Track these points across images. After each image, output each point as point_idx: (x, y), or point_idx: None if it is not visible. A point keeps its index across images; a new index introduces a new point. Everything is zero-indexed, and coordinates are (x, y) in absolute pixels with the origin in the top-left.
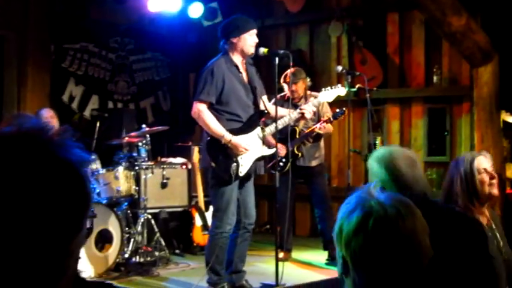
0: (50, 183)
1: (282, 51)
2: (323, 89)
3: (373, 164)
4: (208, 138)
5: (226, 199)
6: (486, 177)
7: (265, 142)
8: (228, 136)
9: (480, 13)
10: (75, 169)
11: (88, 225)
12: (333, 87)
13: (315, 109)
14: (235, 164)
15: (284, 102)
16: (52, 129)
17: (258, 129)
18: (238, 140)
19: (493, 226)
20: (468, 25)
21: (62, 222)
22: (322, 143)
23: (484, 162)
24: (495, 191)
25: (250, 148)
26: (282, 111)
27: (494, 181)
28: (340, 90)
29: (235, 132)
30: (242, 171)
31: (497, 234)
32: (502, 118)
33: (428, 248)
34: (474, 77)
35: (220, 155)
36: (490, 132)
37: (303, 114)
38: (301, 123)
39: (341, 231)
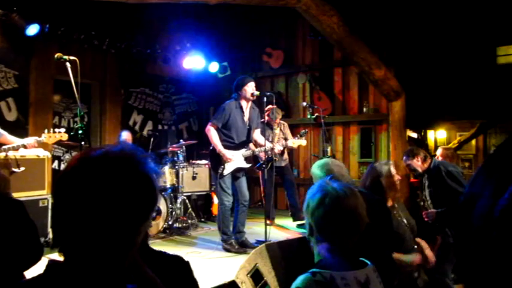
0: (132, 188)
1: (268, 93)
2: (291, 139)
3: (315, 169)
4: (211, 147)
5: (222, 185)
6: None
7: (246, 158)
8: (220, 147)
9: (394, 67)
10: (150, 179)
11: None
12: (298, 139)
13: (281, 148)
14: (222, 167)
15: (264, 124)
16: (141, 152)
17: (243, 150)
18: (226, 152)
19: (395, 205)
20: (386, 75)
21: (136, 213)
22: (286, 152)
23: (393, 170)
24: (396, 187)
25: (234, 159)
26: (263, 141)
27: (396, 181)
28: (302, 142)
29: (227, 148)
30: (225, 173)
31: (399, 211)
32: (408, 134)
33: (366, 217)
34: (390, 108)
35: (215, 159)
36: (400, 143)
37: (273, 148)
38: (276, 139)
39: (308, 206)
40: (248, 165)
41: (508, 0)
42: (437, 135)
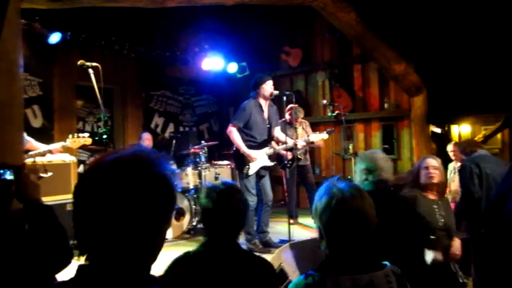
0: (148, 190)
1: (287, 92)
2: (313, 133)
3: (357, 161)
4: (234, 148)
5: (247, 186)
6: (427, 172)
7: (269, 157)
8: (244, 148)
9: (414, 61)
10: (167, 181)
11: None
12: (320, 133)
13: (304, 144)
14: (247, 167)
15: (286, 124)
16: (154, 153)
17: (266, 148)
18: (250, 152)
19: (439, 202)
20: (406, 70)
21: (155, 214)
22: (307, 152)
23: (429, 161)
24: (434, 181)
25: (258, 159)
26: (284, 138)
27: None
28: (324, 135)
29: (251, 147)
30: (250, 172)
31: (442, 208)
32: (430, 129)
33: (374, 217)
34: (411, 103)
35: (239, 160)
36: (423, 139)
37: (296, 144)
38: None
39: (316, 209)
40: (272, 163)
41: None
42: (462, 129)
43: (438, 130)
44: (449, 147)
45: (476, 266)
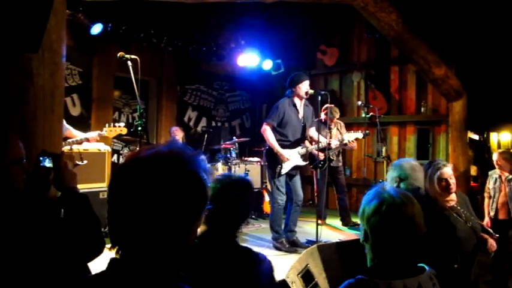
0: (182, 187)
1: (322, 92)
2: (348, 132)
3: (391, 169)
4: (267, 147)
5: (277, 184)
6: (445, 183)
7: (302, 156)
8: (278, 148)
9: (454, 65)
10: (199, 177)
11: None
12: (355, 132)
13: (338, 143)
14: (279, 166)
15: (321, 123)
16: (190, 151)
17: (299, 148)
18: (284, 152)
19: (458, 206)
20: (446, 74)
21: (187, 212)
22: (340, 154)
23: (445, 172)
24: (451, 191)
25: (291, 158)
26: (320, 138)
27: (452, 185)
28: (359, 135)
29: (284, 147)
30: (283, 172)
31: (462, 211)
32: (468, 136)
33: (423, 226)
34: (449, 108)
35: (272, 159)
36: (460, 145)
37: (329, 144)
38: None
39: (363, 212)
40: (305, 163)
41: None
42: (501, 137)
43: (476, 137)
44: (495, 156)
45: None
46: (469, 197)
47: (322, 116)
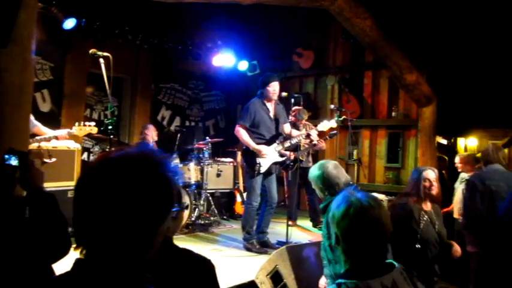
0: (150, 189)
1: (296, 95)
2: (321, 122)
3: (312, 169)
4: (244, 147)
5: (253, 185)
6: (428, 184)
7: (279, 152)
8: (253, 144)
9: (426, 72)
10: (167, 180)
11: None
12: (327, 121)
13: (317, 133)
14: (258, 164)
15: (291, 125)
16: (159, 153)
17: (275, 144)
18: (261, 147)
19: (432, 212)
20: (417, 80)
21: (154, 214)
22: (310, 155)
23: (429, 174)
24: (434, 193)
25: (269, 154)
26: (295, 133)
27: (434, 186)
28: (332, 123)
29: (259, 144)
30: (262, 170)
31: (434, 217)
32: (437, 140)
33: (390, 227)
34: (420, 113)
35: (250, 158)
36: (429, 150)
37: (309, 134)
38: (303, 141)
39: (333, 216)
40: (283, 159)
41: None
42: (468, 142)
43: (444, 141)
44: (456, 159)
45: (476, 279)
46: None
47: (291, 117)
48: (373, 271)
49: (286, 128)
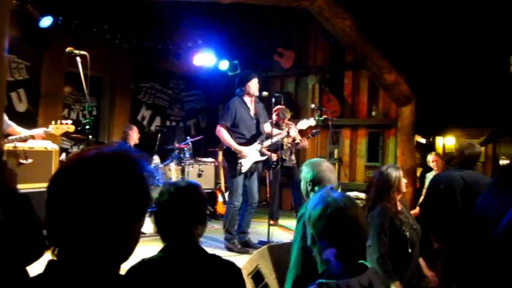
0: (125, 189)
1: (277, 94)
2: (300, 121)
3: (304, 166)
4: (225, 147)
5: (235, 185)
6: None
7: (260, 152)
8: (235, 145)
9: (405, 72)
10: (143, 180)
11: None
12: (306, 119)
13: (296, 131)
14: (239, 164)
15: (273, 125)
16: (135, 153)
17: (256, 144)
18: (242, 148)
19: (404, 210)
20: (397, 80)
21: (129, 213)
22: (293, 153)
23: (400, 172)
24: (403, 190)
25: (250, 154)
26: (276, 132)
27: (403, 185)
28: (311, 122)
29: (241, 144)
30: (243, 170)
31: (406, 214)
32: (416, 139)
33: (367, 226)
34: (399, 113)
35: (232, 158)
36: (408, 148)
37: (288, 133)
38: (285, 140)
39: (310, 217)
40: (264, 158)
41: None
42: (446, 141)
43: (423, 140)
44: (431, 157)
45: (445, 274)
46: (414, 197)
47: (274, 117)
48: (350, 271)
49: (267, 127)
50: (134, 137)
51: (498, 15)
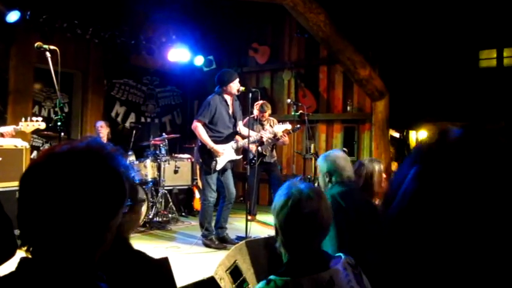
0: (101, 184)
1: (253, 89)
2: (277, 124)
3: (320, 159)
4: (200, 144)
5: (209, 182)
6: (379, 177)
7: (236, 150)
8: (211, 144)
9: (378, 67)
10: (118, 174)
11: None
12: (283, 123)
13: (271, 135)
14: (214, 162)
15: (254, 120)
16: (109, 147)
17: (232, 142)
18: (217, 147)
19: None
20: (370, 75)
21: (105, 208)
22: (274, 149)
23: (381, 167)
24: (384, 185)
25: (225, 153)
26: (249, 132)
27: (383, 179)
28: (287, 126)
29: (217, 142)
30: (218, 167)
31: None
32: (390, 134)
33: (328, 219)
34: (373, 107)
35: (206, 155)
36: (382, 142)
37: (261, 137)
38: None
39: (274, 207)
40: (239, 157)
41: (491, 7)
42: (419, 135)
43: (397, 135)
44: None
45: None
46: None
47: (255, 112)
48: (308, 267)
49: (240, 126)
50: (103, 131)
51: (468, 11)
